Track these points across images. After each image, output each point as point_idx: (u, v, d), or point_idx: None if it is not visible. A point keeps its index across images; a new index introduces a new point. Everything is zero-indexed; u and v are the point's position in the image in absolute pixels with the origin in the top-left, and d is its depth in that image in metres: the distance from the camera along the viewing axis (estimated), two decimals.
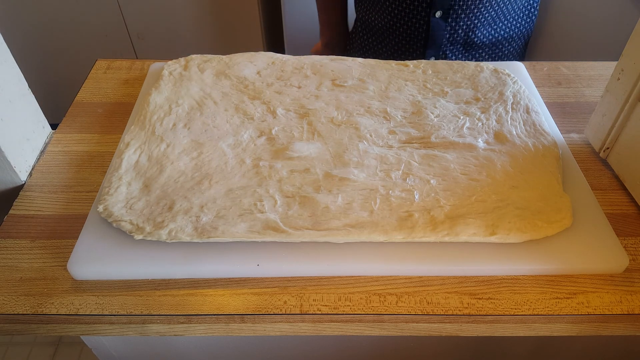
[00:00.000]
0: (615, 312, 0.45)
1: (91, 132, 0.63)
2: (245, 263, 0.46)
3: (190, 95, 0.63)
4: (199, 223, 0.47)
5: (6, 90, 0.56)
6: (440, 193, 0.51)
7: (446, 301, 0.45)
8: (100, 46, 1.66)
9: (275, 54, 0.71)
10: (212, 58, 0.70)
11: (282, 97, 0.63)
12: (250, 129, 0.58)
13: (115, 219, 0.48)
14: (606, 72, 0.73)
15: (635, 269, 0.48)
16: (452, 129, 0.59)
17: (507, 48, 0.94)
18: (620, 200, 0.55)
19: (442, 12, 0.86)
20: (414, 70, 0.69)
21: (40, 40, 1.64)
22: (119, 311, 0.44)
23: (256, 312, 0.45)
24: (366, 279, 0.47)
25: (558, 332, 0.47)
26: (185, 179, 0.52)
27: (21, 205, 0.53)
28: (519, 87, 0.66)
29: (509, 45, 0.94)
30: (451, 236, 0.47)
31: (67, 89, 1.12)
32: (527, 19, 0.94)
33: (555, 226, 0.48)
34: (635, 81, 0.53)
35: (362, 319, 0.45)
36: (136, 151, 0.55)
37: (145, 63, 0.74)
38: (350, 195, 0.50)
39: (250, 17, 1.58)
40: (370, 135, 0.58)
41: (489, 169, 0.54)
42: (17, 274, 0.47)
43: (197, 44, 1.65)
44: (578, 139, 0.62)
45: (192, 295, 0.46)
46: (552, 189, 0.52)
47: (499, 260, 0.47)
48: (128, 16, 1.59)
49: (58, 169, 0.58)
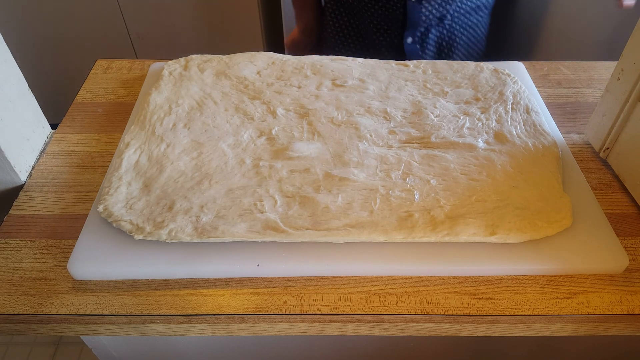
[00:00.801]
0: (615, 312, 0.45)
1: (91, 132, 0.63)
2: (245, 263, 0.46)
3: (190, 95, 0.63)
4: (199, 223, 0.47)
5: (6, 90, 0.56)
6: (440, 193, 0.51)
7: (446, 301, 0.45)
8: (100, 46, 1.66)
9: (275, 54, 0.71)
10: (212, 58, 0.70)
11: (282, 97, 0.63)
12: (250, 129, 0.58)
13: (115, 219, 0.48)
14: (606, 72, 0.73)
15: (635, 269, 0.48)
16: (452, 129, 0.59)
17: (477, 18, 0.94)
18: (620, 200, 0.55)
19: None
20: (414, 70, 0.69)
21: (40, 40, 1.64)
22: (119, 311, 0.44)
23: (256, 312, 0.45)
24: (366, 279, 0.47)
25: (558, 332, 0.47)
26: (185, 179, 0.52)
27: (21, 205, 0.53)
28: (519, 87, 0.66)
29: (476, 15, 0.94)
30: (451, 236, 0.47)
31: (67, 89, 1.12)
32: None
33: (555, 226, 0.48)
34: (635, 81, 0.53)
35: (362, 319, 0.45)
36: (136, 151, 0.55)
37: (145, 63, 0.74)
38: (350, 195, 0.50)
39: (250, 17, 1.58)
40: (370, 135, 0.58)
41: (489, 169, 0.54)
42: (17, 274, 0.47)
43: (197, 44, 1.65)
44: (578, 139, 0.62)
45: (192, 295, 0.46)
46: (552, 189, 0.52)
47: (499, 260, 0.47)
48: (128, 16, 1.59)
49: (58, 169, 0.58)
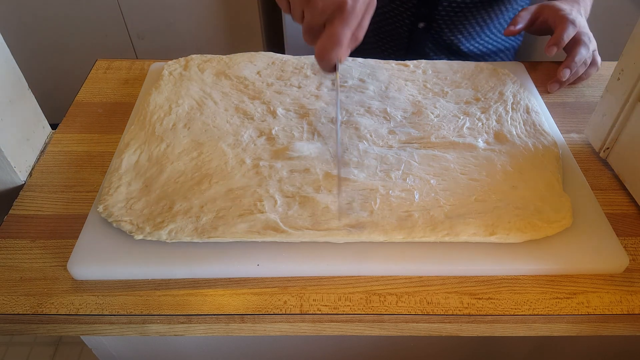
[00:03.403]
0: (615, 312, 0.45)
1: (91, 132, 0.63)
2: (245, 263, 0.46)
3: (190, 95, 0.63)
4: (199, 223, 0.47)
5: (6, 90, 0.56)
6: (440, 193, 0.51)
7: (446, 301, 0.45)
8: (100, 46, 1.66)
9: (275, 54, 0.71)
10: (212, 58, 0.70)
11: (282, 97, 0.63)
12: (250, 129, 0.58)
13: (115, 219, 0.48)
14: (606, 72, 0.73)
15: (635, 269, 0.48)
16: (452, 129, 0.59)
17: (494, 59, 0.92)
18: (620, 200, 0.55)
19: (425, 24, 0.84)
20: (414, 70, 0.69)
21: (40, 40, 1.64)
22: (119, 311, 0.44)
23: (256, 312, 0.45)
24: (366, 279, 0.47)
25: (558, 332, 0.47)
26: (185, 179, 0.52)
27: (21, 205, 0.53)
28: (518, 87, 0.66)
29: (496, 57, 0.92)
30: (451, 236, 0.47)
31: (67, 89, 1.12)
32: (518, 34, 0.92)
33: (555, 226, 0.48)
34: (635, 81, 0.53)
35: (362, 319, 0.45)
36: (136, 151, 0.55)
37: (145, 63, 0.74)
38: (350, 195, 0.50)
39: (250, 17, 1.58)
40: (370, 135, 0.58)
41: (489, 169, 0.54)
42: (17, 274, 0.47)
43: (197, 44, 1.65)
44: (578, 139, 0.62)
45: (192, 295, 0.46)
46: (552, 189, 0.52)
47: (499, 260, 0.47)
48: (128, 16, 1.59)
49: (58, 169, 0.58)
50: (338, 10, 0.47)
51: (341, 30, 0.47)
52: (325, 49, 0.48)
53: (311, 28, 0.49)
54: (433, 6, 0.82)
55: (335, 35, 0.47)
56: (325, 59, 0.49)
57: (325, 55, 0.48)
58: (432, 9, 0.82)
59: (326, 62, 0.49)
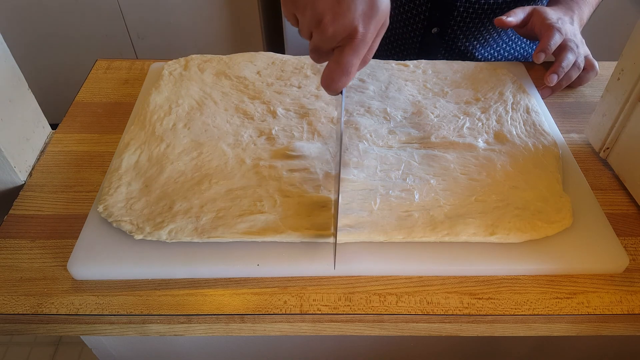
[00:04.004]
0: (615, 312, 0.45)
1: (91, 132, 0.63)
2: (245, 263, 0.46)
3: (190, 95, 0.63)
4: (199, 223, 0.47)
5: (6, 90, 0.56)
6: (440, 193, 0.51)
7: (446, 301, 0.45)
8: (100, 46, 1.66)
9: (275, 54, 0.71)
10: (212, 58, 0.70)
11: (282, 97, 0.63)
12: (250, 129, 0.58)
13: (115, 219, 0.48)
14: (606, 72, 0.73)
15: (635, 269, 0.48)
16: (452, 129, 0.59)
17: None
18: (620, 200, 0.55)
19: (439, 29, 0.83)
20: (414, 70, 0.69)
21: (40, 40, 1.64)
22: (119, 311, 0.44)
23: (256, 312, 0.45)
24: (366, 279, 0.47)
25: (558, 332, 0.47)
26: (185, 179, 0.52)
27: (21, 205, 0.53)
28: (518, 87, 0.66)
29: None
30: (451, 236, 0.47)
31: (67, 89, 1.12)
32: (531, 42, 0.90)
33: (555, 226, 0.48)
34: (635, 81, 0.53)
35: (362, 319, 0.45)
36: (136, 151, 0.55)
37: (145, 63, 0.74)
38: (350, 195, 0.50)
39: (250, 17, 1.59)
40: (370, 135, 0.58)
41: (489, 169, 0.54)
42: (17, 274, 0.47)
43: (197, 44, 1.65)
44: (578, 139, 0.62)
45: (192, 295, 0.46)
46: (552, 189, 0.52)
47: (499, 260, 0.47)
48: (128, 16, 1.59)
49: (58, 169, 0.58)
50: (348, 38, 0.44)
51: (350, 59, 0.45)
52: (333, 79, 0.45)
53: (319, 49, 0.47)
54: (448, 11, 0.80)
55: (343, 65, 0.45)
56: (332, 89, 0.46)
57: (332, 85, 0.46)
58: (447, 14, 0.81)
59: (332, 91, 0.47)
